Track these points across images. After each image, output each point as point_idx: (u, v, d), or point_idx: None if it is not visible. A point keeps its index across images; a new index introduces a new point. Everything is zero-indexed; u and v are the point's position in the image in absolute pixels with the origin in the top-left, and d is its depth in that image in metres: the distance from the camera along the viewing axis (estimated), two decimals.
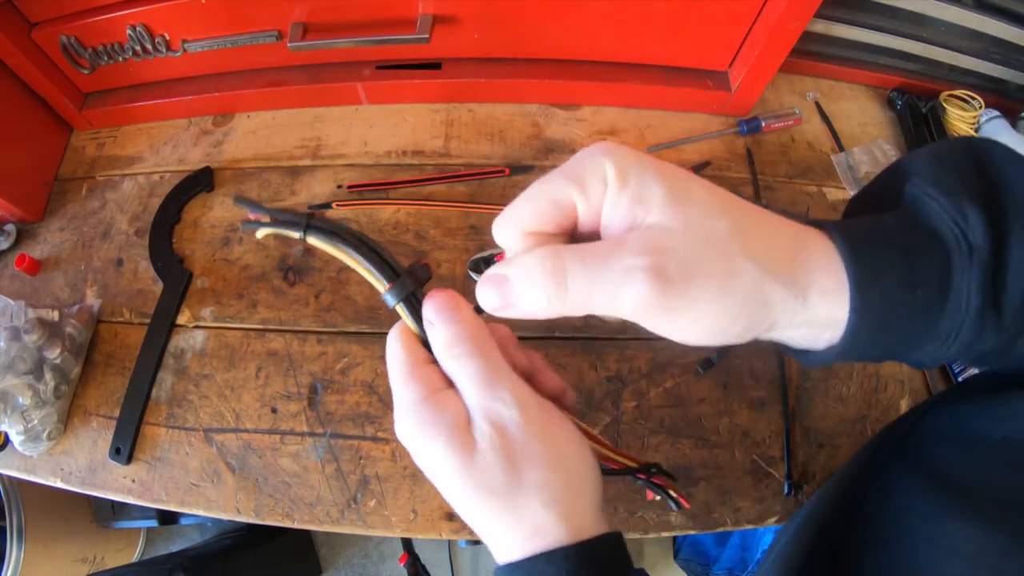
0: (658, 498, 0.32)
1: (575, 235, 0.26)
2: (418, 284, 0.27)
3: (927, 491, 0.32)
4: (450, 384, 0.27)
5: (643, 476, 0.31)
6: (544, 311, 0.24)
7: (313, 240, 0.26)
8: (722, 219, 0.23)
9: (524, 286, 0.24)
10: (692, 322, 0.23)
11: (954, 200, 0.24)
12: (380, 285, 0.27)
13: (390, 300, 0.27)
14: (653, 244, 0.22)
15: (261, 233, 0.26)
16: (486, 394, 0.25)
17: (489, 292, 0.25)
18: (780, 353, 0.53)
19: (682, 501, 0.31)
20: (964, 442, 0.33)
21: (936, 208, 0.24)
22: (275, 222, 0.26)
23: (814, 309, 0.24)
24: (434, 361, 0.27)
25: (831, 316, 0.24)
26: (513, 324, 0.28)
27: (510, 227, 0.26)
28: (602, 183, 0.23)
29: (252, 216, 0.26)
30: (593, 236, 0.25)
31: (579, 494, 0.26)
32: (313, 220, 0.26)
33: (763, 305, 0.23)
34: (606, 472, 0.29)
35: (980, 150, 0.26)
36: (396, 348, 0.27)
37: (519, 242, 0.25)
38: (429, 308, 0.26)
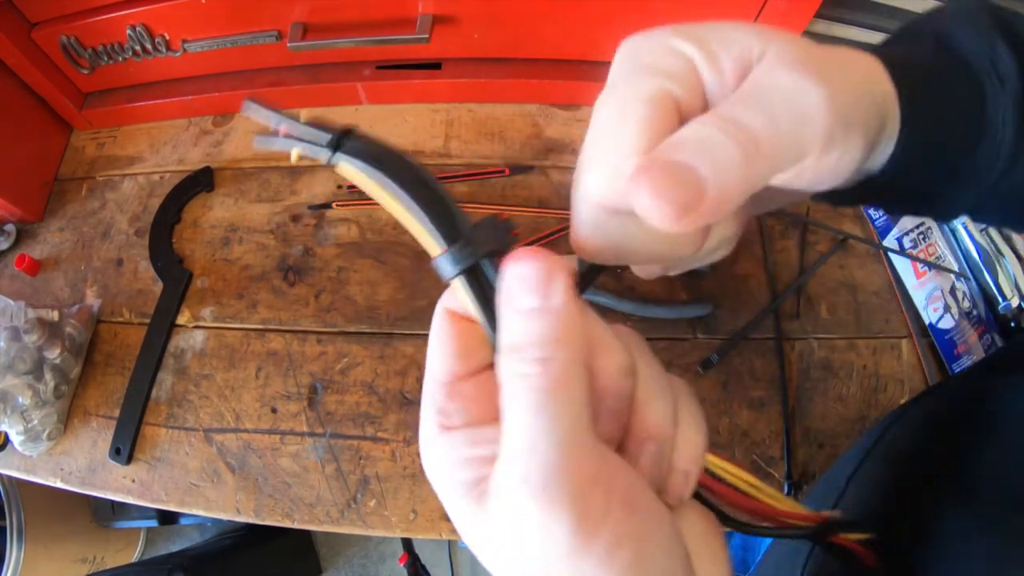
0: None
1: None
2: (492, 250, 0.18)
3: (886, 468, 0.33)
4: (489, 416, 0.18)
5: (821, 538, 0.22)
6: (740, 179, 0.17)
7: (345, 166, 0.18)
8: (791, 36, 0.20)
9: (703, 153, 0.17)
10: (858, 137, 0.19)
11: (985, 35, 0.23)
12: (434, 246, 0.18)
13: (447, 269, 0.18)
14: (791, 57, 0.18)
15: (278, 146, 0.19)
16: (518, 473, 0.16)
17: (663, 183, 0.16)
18: (779, 349, 0.53)
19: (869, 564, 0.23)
20: (916, 422, 0.34)
21: (967, 39, 0.24)
22: (296, 138, 0.19)
23: (887, 109, 0.21)
24: (489, 366, 0.18)
25: (889, 128, 0.22)
26: None
27: (611, 161, 0.19)
28: (682, 59, 0.19)
29: (273, 127, 0.19)
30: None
31: None
32: (350, 136, 0.18)
33: (870, 104, 0.20)
34: (768, 532, 0.21)
35: (1002, 12, 0.26)
36: (437, 342, 0.19)
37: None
38: (513, 276, 0.17)
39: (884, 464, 0.36)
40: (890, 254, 0.58)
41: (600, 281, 0.57)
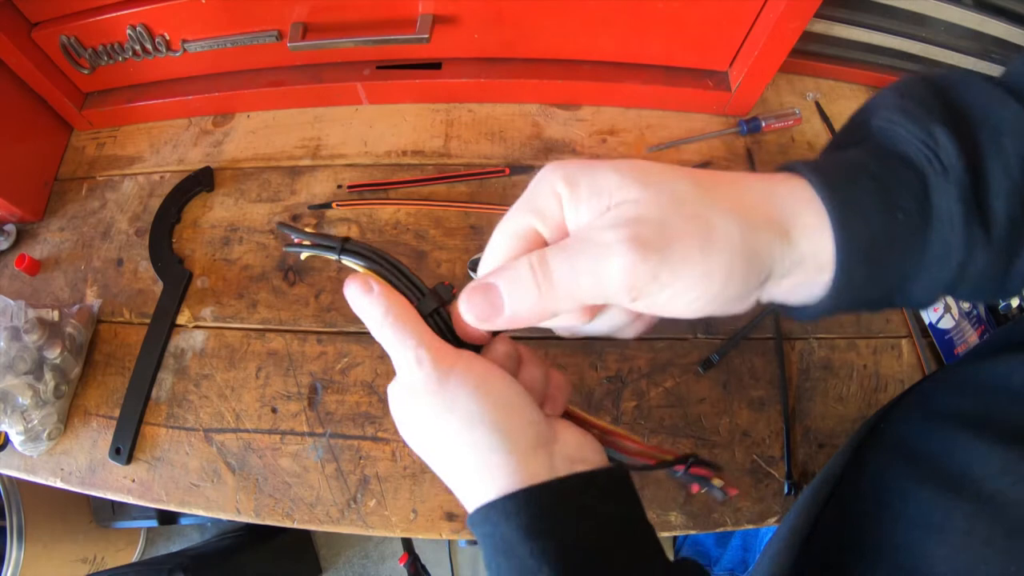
0: (704, 491, 0.31)
1: None
2: (441, 302, 0.28)
3: (896, 465, 0.33)
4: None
5: (680, 468, 0.30)
6: (532, 308, 0.24)
7: (347, 261, 0.29)
8: (683, 181, 0.23)
9: (510, 284, 0.24)
10: (685, 289, 0.22)
11: (921, 123, 0.24)
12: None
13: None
14: (625, 217, 0.22)
15: (304, 255, 0.30)
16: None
17: (476, 300, 0.25)
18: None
19: (729, 490, 0.30)
20: (929, 417, 0.34)
21: (903, 133, 0.24)
22: (314, 245, 0.29)
23: (800, 247, 0.23)
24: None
25: (820, 252, 0.23)
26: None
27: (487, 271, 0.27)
28: (555, 199, 0.24)
29: (295, 240, 0.29)
30: None
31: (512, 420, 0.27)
32: (348, 244, 0.29)
33: (749, 256, 0.23)
34: (641, 468, 0.30)
35: (938, 78, 0.26)
36: (387, 312, 0.28)
37: None
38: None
39: (880, 453, 0.36)
40: None
41: None
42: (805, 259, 0.24)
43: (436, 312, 0.28)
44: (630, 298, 0.23)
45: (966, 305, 0.55)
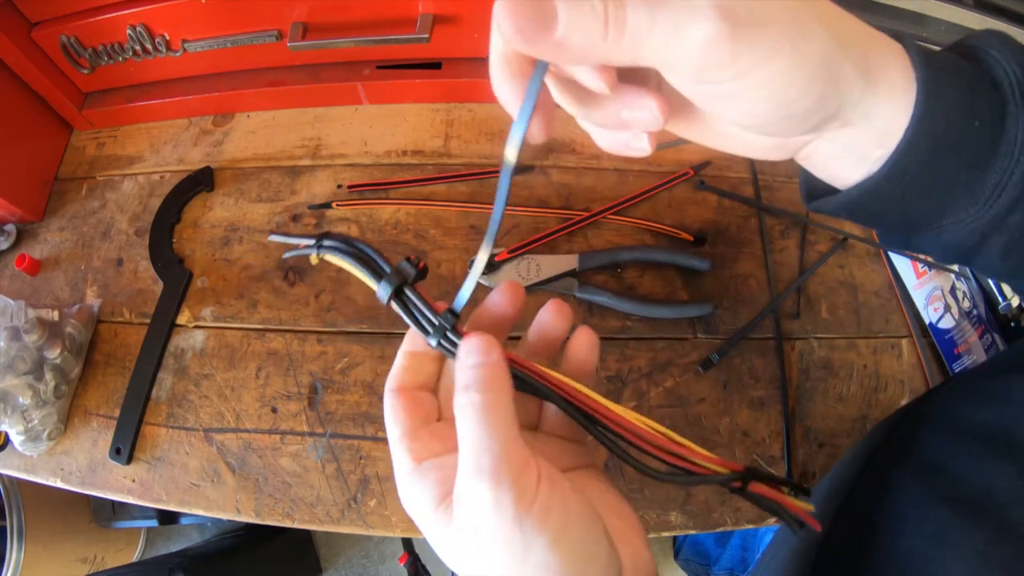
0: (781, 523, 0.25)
1: None
2: (403, 279, 0.25)
3: (915, 479, 0.32)
4: (443, 449, 0.24)
5: (738, 484, 0.24)
6: (586, 43, 0.19)
7: (328, 256, 0.27)
8: None
9: (575, 5, 0.18)
10: (763, 83, 0.20)
11: (1017, 57, 0.24)
12: (373, 285, 0.26)
13: (381, 297, 0.25)
14: None
15: (290, 254, 0.29)
16: (472, 472, 0.21)
17: (522, 6, 0.19)
18: (779, 349, 0.53)
19: (807, 519, 0.24)
20: (951, 432, 0.33)
21: (999, 59, 0.24)
22: (303, 247, 0.28)
23: (879, 103, 0.22)
24: (428, 425, 0.25)
25: (893, 117, 0.22)
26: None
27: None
28: None
29: (292, 243, 0.29)
30: None
31: None
32: (324, 238, 0.27)
33: (834, 77, 0.21)
34: (687, 479, 0.23)
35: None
36: (390, 412, 0.25)
37: None
38: (466, 345, 0.23)
39: (898, 467, 0.35)
40: (890, 253, 0.58)
41: (600, 281, 0.57)
42: (876, 115, 0.22)
43: (402, 292, 0.25)
44: (696, 76, 0.20)
45: (966, 304, 0.55)
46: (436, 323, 0.25)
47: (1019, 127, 0.23)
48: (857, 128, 0.23)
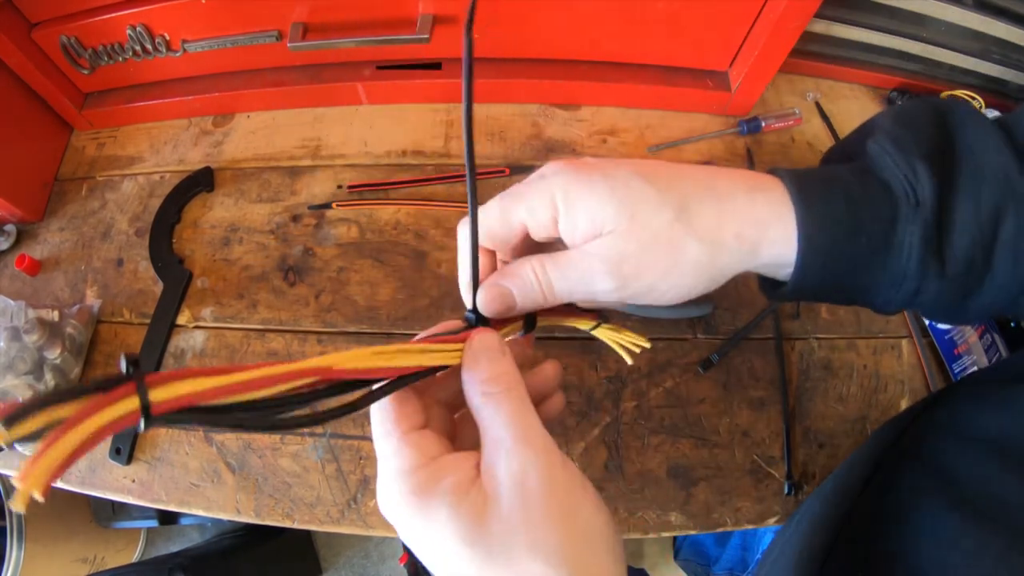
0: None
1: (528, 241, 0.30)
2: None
3: (927, 485, 0.32)
4: (446, 451, 0.25)
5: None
6: (538, 304, 0.29)
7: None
8: (666, 209, 0.26)
9: (520, 289, 0.28)
10: (660, 294, 0.27)
11: (907, 156, 0.26)
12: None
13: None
14: (611, 253, 0.26)
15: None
16: (519, 439, 0.24)
17: (494, 302, 0.28)
18: (779, 349, 0.53)
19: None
20: (964, 437, 0.33)
21: (890, 162, 0.26)
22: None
23: (763, 259, 0.27)
24: (426, 426, 0.27)
25: (783, 259, 0.27)
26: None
27: (469, 232, 0.29)
28: (551, 209, 0.27)
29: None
30: (550, 239, 0.29)
31: (593, 554, 0.23)
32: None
33: (714, 273, 0.27)
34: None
35: (942, 109, 0.28)
36: (385, 408, 0.26)
37: (473, 252, 0.29)
38: (478, 344, 0.27)
39: (908, 472, 0.35)
40: None
41: None
42: (769, 265, 0.28)
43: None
44: (617, 303, 0.28)
45: None
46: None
47: (907, 231, 0.26)
48: (757, 270, 0.28)
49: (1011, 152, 0.26)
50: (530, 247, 0.30)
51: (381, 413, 0.26)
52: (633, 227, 0.26)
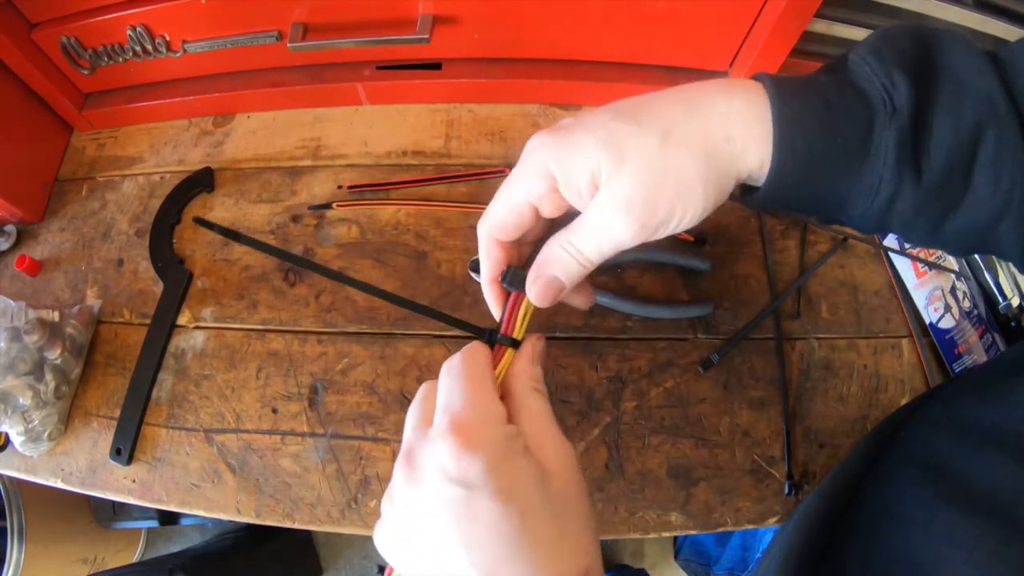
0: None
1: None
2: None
3: (922, 480, 0.32)
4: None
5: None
6: (581, 275, 0.31)
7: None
8: (651, 138, 0.27)
9: (562, 270, 0.30)
10: (680, 220, 0.28)
11: (886, 66, 0.26)
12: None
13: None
14: (618, 198, 0.27)
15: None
16: (553, 430, 0.29)
17: (547, 292, 0.31)
18: (779, 349, 0.53)
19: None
20: (960, 431, 0.33)
21: (868, 72, 0.27)
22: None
23: (752, 159, 0.27)
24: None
25: (764, 159, 0.27)
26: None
27: (489, 229, 0.32)
28: (548, 179, 0.29)
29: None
30: (562, 212, 0.31)
31: (592, 541, 0.28)
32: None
33: (718, 178, 0.27)
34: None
35: (926, 31, 0.28)
36: (476, 359, 0.30)
37: (495, 246, 0.32)
38: (538, 345, 0.33)
39: (904, 466, 0.35)
40: (890, 254, 0.58)
41: (601, 281, 0.57)
42: (755, 169, 0.28)
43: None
44: (643, 241, 0.28)
45: (967, 304, 0.55)
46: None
47: (883, 136, 0.26)
48: (751, 170, 0.29)
49: (995, 75, 0.26)
50: (548, 228, 0.32)
51: (473, 360, 0.31)
52: (627, 165, 0.27)
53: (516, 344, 0.33)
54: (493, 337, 0.33)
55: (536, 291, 0.31)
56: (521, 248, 0.34)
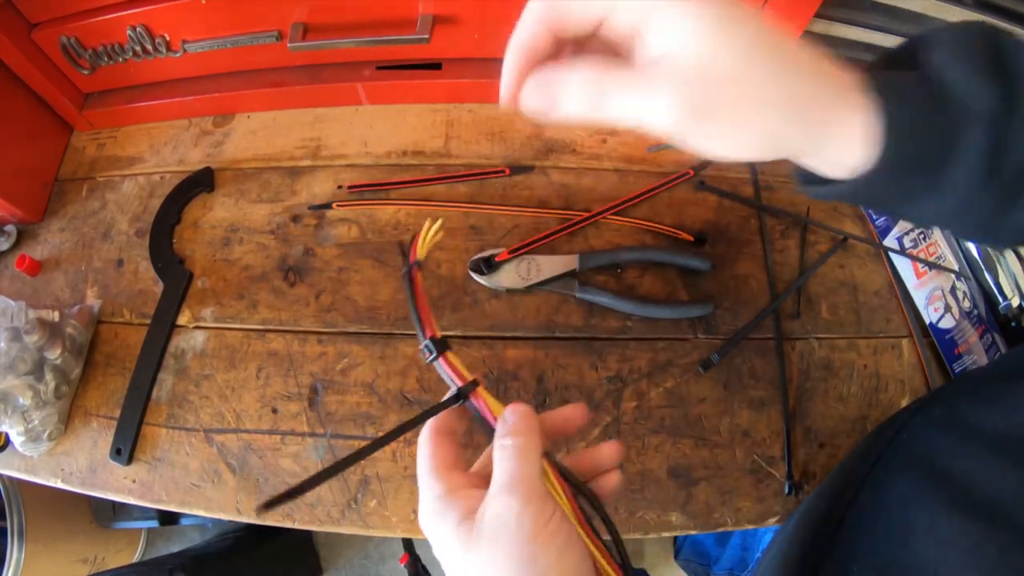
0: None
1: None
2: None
3: (924, 483, 0.32)
4: (471, 486, 0.29)
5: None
6: (580, 112, 0.26)
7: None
8: (762, 35, 0.24)
9: (570, 84, 0.26)
10: (726, 135, 0.25)
11: (978, 76, 0.26)
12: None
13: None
14: (684, 74, 0.23)
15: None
16: (505, 486, 0.26)
17: (538, 91, 0.27)
18: (779, 349, 0.53)
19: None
20: (960, 435, 0.33)
21: (954, 76, 0.26)
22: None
23: (835, 147, 0.26)
24: (457, 468, 0.30)
25: (848, 155, 0.26)
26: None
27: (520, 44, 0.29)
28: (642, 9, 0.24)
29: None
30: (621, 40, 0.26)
31: None
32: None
33: (780, 143, 0.26)
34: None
35: (994, 31, 0.28)
36: (426, 447, 0.30)
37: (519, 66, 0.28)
38: (510, 407, 0.30)
39: (906, 468, 0.35)
40: (890, 254, 0.58)
41: (601, 281, 0.57)
42: (832, 155, 0.27)
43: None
44: (674, 137, 0.25)
45: (967, 304, 0.55)
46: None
47: (971, 138, 0.26)
48: (817, 160, 0.27)
49: None
50: (576, 49, 0.28)
51: (424, 452, 0.30)
52: (716, 58, 0.23)
53: (443, 344, 0.32)
54: (465, 391, 0.31)
55: (531, 86, 0.27)
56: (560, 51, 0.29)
